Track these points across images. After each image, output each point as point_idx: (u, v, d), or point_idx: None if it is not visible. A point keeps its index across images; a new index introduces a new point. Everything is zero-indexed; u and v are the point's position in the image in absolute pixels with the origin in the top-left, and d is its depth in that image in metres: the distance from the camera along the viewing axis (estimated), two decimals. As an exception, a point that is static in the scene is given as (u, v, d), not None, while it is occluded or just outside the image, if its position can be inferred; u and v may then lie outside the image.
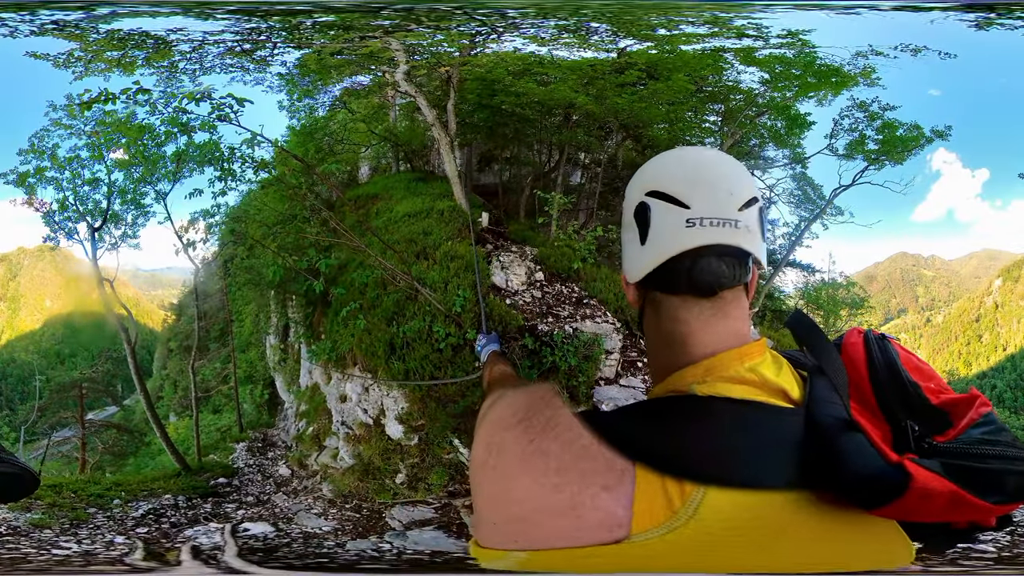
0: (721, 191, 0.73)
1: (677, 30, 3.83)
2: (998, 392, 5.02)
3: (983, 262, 6.06)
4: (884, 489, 0.62)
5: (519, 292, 3.86)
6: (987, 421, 0.70)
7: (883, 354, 0.80)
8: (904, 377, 0.77)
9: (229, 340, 5.42)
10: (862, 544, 0.68)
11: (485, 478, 0.68)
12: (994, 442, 0.67)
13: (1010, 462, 0.64)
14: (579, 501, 0.62)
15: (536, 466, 0.64)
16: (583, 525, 0.62)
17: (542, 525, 0.62)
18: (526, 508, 0.63)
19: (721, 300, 0.74)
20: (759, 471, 0.64)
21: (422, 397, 3.45)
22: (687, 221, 0.71)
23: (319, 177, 3.80)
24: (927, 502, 0.62)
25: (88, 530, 3.07)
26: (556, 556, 0.62)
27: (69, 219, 3.91)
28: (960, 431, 0.70)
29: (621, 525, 0.62)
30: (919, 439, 0.72)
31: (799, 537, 0.64)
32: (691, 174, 0.74)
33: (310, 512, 3.48)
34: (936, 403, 0.75)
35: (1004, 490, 0.64)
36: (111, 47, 3.44)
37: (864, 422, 0.68)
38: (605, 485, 0.62)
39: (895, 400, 0.77)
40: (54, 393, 5.04)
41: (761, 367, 0.72)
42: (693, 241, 0.71)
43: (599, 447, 0.64)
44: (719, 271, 0.72)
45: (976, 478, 0.63)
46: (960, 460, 0.65)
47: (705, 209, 0.71)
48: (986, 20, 3.25)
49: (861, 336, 0.83)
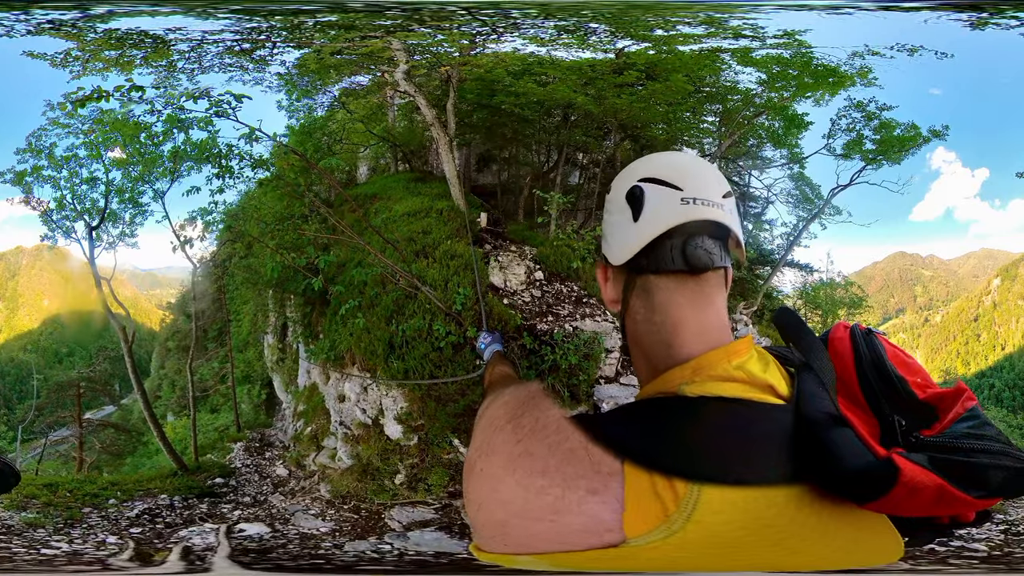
0: (709, 179, 0.77)
1: (674, 31, 3.84)
2: (996, 391, 5.03)
3: (981, 261, 6.08)
4: (873, 483, 0.62)
5: (518, 292, 3.86)
6: (972, 415, 0.71)
7: (870, 349, 0.80)
8: (891, 371, 0.78)
9: (227, 339, 5.41)
10: (856, 538, 0.68)
11: (474, 481, 0.67)
12: (979, 436, 0.67)
13: (995, 456, 0.64)
14: (563, 505, 0.61)
15: (522, 467, 0.63)
16: (565, 530, 0.61)
17: (523, 529, 0.62)
18: (511, 511, 0.63)
19: (708, 283, 0.75)
20: (752, 468, 0.64)
21: (422, 397, 3.43)
22: (681, 200, 0.74)
23: (318, 174, 3.80)
24: (915, 496, 0.62)
25: (81, 530, 3.05)
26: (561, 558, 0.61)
27: (67, 218, 3.91)
28: (946, 425, 0.70)
29: (610, 530, 0.61)
30: (906, 433, 0.72)
31: (795, 532, 0.64)
32: (680, 166, 0.79)
33: (307, 513, 3.47)
34: (922, 397, 0.75)
35: (988, 485, 0.64)
36: (109, 46, 3.44)
37: (852, 417, 0.68)
38: (591, 489, 0.62)
39: (882, 394, 0.77)
40: (52, 392, 5.02)
41: (748, 364, 0.72)
42: (688, 216, 0.73)
43: (587, 450, 0.63)
44: (711, 248, 0.74)
45: (961, 472, 0.63)
46: (946, 454, 0.65)
47: (696, 191, 0.75)
48: (980, 20, 3.27)
49: (847, 331, 0.83)
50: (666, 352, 0.74)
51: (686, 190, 0.74)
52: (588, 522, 0.61)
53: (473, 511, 0.67)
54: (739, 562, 0.63)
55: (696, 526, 0.61)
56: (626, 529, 0.61)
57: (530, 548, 0.62)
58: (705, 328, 0.74)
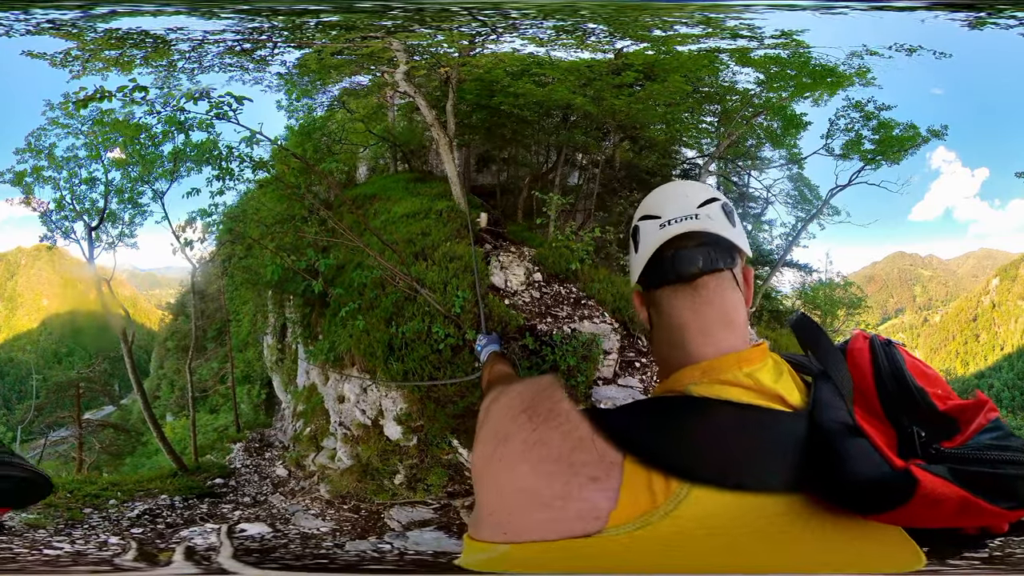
0: (681, 198, 0.88)
1: (672, 31, 3.85)
2: (995, 391, 5.04)
3: (980, 261, 6.08)
4: (888, 494, 0.62)
5: (518, 292, 3.86)
6: (995, 427, 0.70)
7: (889, 360, 0.80)
8: (911, 383, 0.77)
9: (226, 340, 5.41)
10: (857, 549, 0.67)
11: (491, 468, 0.69)
12: (1005, 447, 0.67)
13: (1022, 467, 0.64)
14: (567, 491, 0.63)
15: (537, 454, 0.65)
16: (564, 516, 0.62)
17: (530, 513, 0.63)
18: (523, 496, 0.64)
19: (705, 288, 0.79)
20: (748, 474, 0.64)
21: (421, 398, 3.44)
22: (660, 225, 0.85)
23: (318, 175, 3.80)
24: (935, 508, 0.62)
25: (83, 530, 3.06)
26: (533, 550, 0.62)
27: (66, 218, 3.90)
28: (968, 437, 0.70)
29: (599, 517, 0.62)
30: (925, 445, 0.72)
31: (785, 541, 0.64)
32: (663, 196, 0.91)
33: (307, 513, 3.47)
34: (943, 409, 0.75)
35: (1017, 495, 0.64)
36: (109, 46, 3.44)
37: (869, 427, 0.68)
38: (593, 476, 0.63)
39: (901, 406, 0.77)
40: (51, 392, 5.02)
41: (759, 373, 0.72)
42: (664, 236, 0.83)
43: (594, 439, 0.65)
44: (693, 257, 0.81)
45: (989, 483, 0.63)
46: (971, 466, 0.64)
47: (671, 213, 0.86)
48: (979, 20, 3.27)
49: (867, 341, 0.83)
50: (675, 353, 0.78)
51: (664, 216, 0.86)
52: (584, 507, 0.62)
53: (486, 496, 0.68)
54: (710, 565, 0.63)
55: (671, 523, 0.62)
56: (611, 517, 0.62)
57: (527, 535, 0.63)
58: (707, 328, 0.76)
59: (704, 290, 0.79)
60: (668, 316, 0.81)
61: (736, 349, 0.74)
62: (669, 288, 0.81)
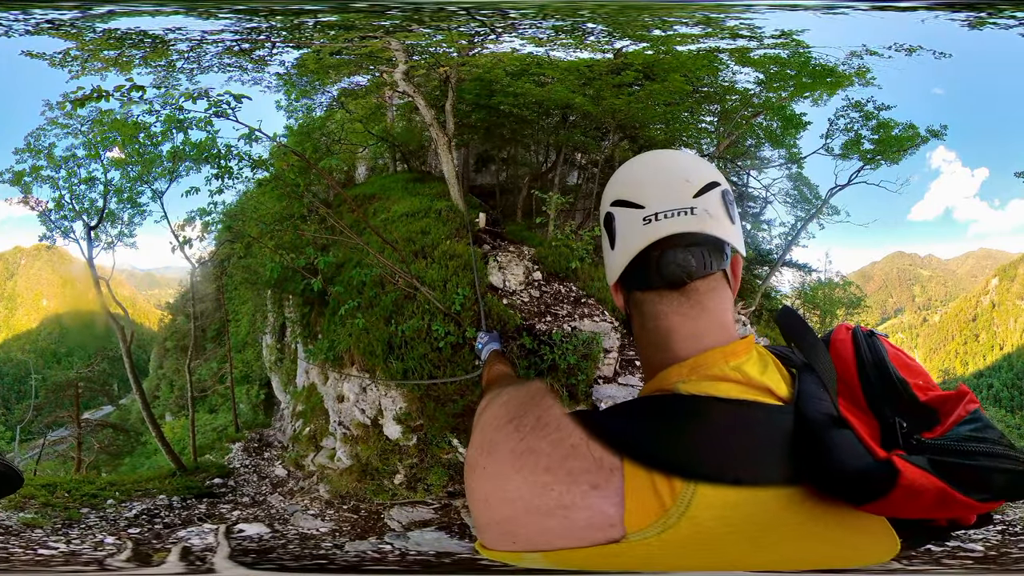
0: (674, 183, 0.74)
1: (671, 31, 3.85)
2: (995, 391, 5.04)
3: (980, 261, 6.09)
4: (872, 485, 0.62)
5: (517, 292, 3.86)
6: (975, 418, 0.70)
7: (872, 351, 0.79)
8: (892, 374, 0.77)
9: (225, 339, 5.40)
10: (850, 539, 0.68)
11: (478, 479, 0.67)
12: (981, 439, 0.67)
13: (997, 459, 0.64)
14: (568, 501, 0.62)
15: (527, 465, 0.64)
16: (573, 525, 0.61)
17: (533, 525, 0.62)
18: (518, 508, 0.63)
19: (696, 292, 0.73)
20: (743, 467, 0.64)
21: (421, 397, 3.43)
22: (643, 220, 0.73)
23: (317, 173, 3.80)
24: (915, 499, 0.62)
25: (79, 530, 3.05)
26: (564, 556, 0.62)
27: (65, 218, 3.91)
28: (948, 428, 0.69)
29: (613, 524, 0.61)
30: (907, 436, 0.72)
31: (788, 533, 0.64)
32: (645, 176, 0.77)
33: (307, 513, 3.46)
34: (924, 400, 0.75)
35: (990, 488, 0.64)
36: (108, 46, 3.44)
37: (852, 419, 0.68)
38: (593, 484, 0.62)
39: (883, 397, 0.77)
40: (50, 392, 5.01)
41: (745, 365, 0.72)
42: (649, 238, 0.72)
43: (588, 445, 0.64)
44: (685, 261, 0.72)
45: (963, 475, 0.63)
46: (948, 457, 0.64)
47: (659, 204, 0.73)
48: (979, 20, 3.27)
49: (849, 333, 0.82)
50: (662, 356, 0.75)
51: (648, 206, 0.73)
52: (592, 516, 0.61)
53: (478, 509, 0.67)
54: (732, 561, 0.63)
55: (690, 522, 0.61)
56: (626, 524, 0.61)
57: (539, 545, 0.62)
58: (699, 332, 0.74)
59: (695, 295, 0.73)
60: (653, 320, 0.75)
61: (721, 343, 0.73)
62: (655, 292, 0.74)
